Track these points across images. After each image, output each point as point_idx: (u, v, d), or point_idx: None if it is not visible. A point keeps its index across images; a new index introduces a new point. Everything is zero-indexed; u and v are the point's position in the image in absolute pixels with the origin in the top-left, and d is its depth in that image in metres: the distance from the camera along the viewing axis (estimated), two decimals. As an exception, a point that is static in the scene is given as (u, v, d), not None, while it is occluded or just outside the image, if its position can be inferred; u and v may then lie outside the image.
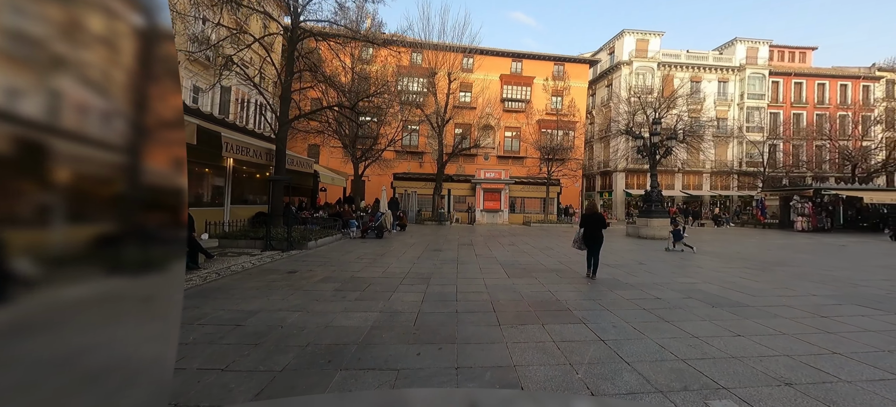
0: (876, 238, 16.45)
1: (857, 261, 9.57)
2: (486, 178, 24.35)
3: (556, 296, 5.60)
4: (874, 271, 7.94)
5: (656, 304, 5.21)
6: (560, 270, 7.85)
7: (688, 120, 24.48)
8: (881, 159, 25.53)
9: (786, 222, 20.34)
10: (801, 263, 9.12)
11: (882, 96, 30.37)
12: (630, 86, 27.43)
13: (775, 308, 5.05)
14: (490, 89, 25.73)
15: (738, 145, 30.60)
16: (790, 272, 7.80)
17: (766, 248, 12.42)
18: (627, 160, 28.18)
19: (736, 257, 10.01)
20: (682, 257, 9.91)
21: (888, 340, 3.87)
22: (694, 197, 30.10)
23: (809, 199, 19.25)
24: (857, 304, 5.28)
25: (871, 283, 6.76)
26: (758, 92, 30.54)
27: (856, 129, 28.63)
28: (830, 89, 31.12)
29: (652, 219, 15.41)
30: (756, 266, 8.54)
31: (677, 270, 7.85)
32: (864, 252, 11.49)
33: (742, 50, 30.67)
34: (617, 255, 10.28)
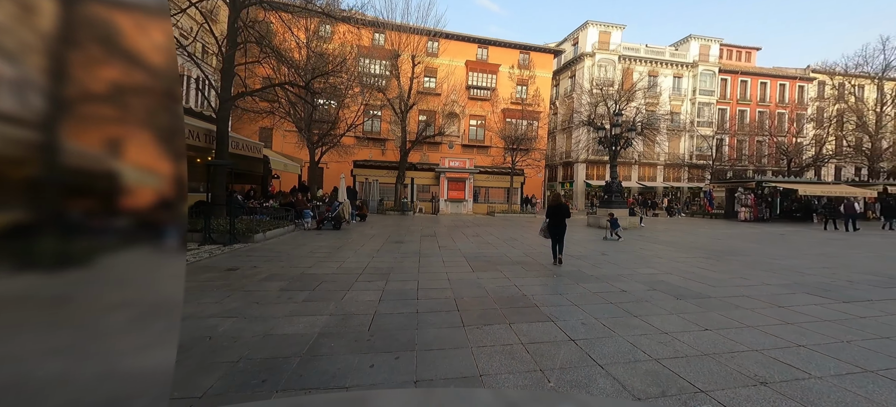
0: (808, 227, 18.12)
1: (797, 249, 10.33)
2: (451, 167, 24.05)
3: (523, 290, 5.38)
4: (815, 259, 8.55)
5: (623, 297, 5.14)
6: (525, 262, 7.70)
7: (645, 113, 25.56)
8: (812, 155, 28.26)
9: (730, 213, 21.94)
10: (750, 252, 9.67)
11: (814, 96, 33.57)
12: (592, 77, 28.20)
13: (735, 299, 5.15)
14: (455, 75, 25.28)
15: (690, 139, 32.59)
16: (742, 261, 8.18)
17: (716, 237, 13.17)
18: (588, 151, 29.05)
19: (692, 247, 10.45)
20: (642, 247, 10.18)
21: (843, 329, 3.99)
22: (649, 188, 31.75)
23: (752, 190, 20.85)
24: (807, 292, 5.53)
25: (814, 271, 7.21)
26: (708, 88, 32.59)
27: (791, 126, 31.46)
28: (771, 88, 33.91)
29: (612, 209, 15.86)
30: (711, 255, 8.92)
31: (640, 261, 7.98)
32: (801, 241, 12.50)
33: (696, 47, 32.50)
34: (580, 245, 10.37)
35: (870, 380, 2.89)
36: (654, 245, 10.71)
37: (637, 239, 12.18)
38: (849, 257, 8.93)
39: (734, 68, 33.45)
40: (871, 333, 3.89)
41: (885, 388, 2.77)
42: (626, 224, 15.64)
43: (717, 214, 23.99)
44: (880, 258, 8.85)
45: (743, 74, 33.55)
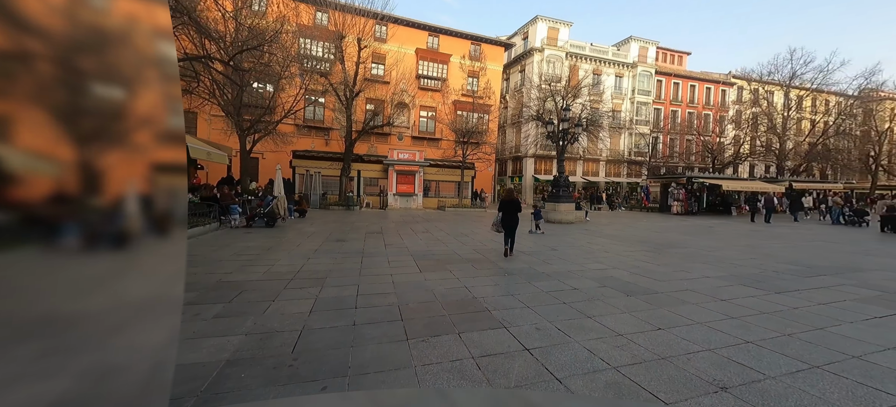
0: (730, 219, 20.14)
1: (726, 241, 11.24)
2: (400, 159, 23.36)
3: (474, 292, 5.05)
4: (743, 250, 9.29)
5: (575, 296, 5.02)
6: (476, 259, 7.43)
7: (590, 110, 26.79)
8: (732, 153, 31.64)
9: (664, 206, 23.80)
10: (686, 244, 10.31)
11: (734, 100, 37.62)
12: (541, 73, 28.95)
13: (681, 293, 5.26)
14: (405, 63, 24.47)
15: (629, 136, 34.92)
16: (681, 253, 8.64)
17: (654, 230, 14.03)
18: (537, 146, 29.89)
19: (634, 240, 10.94)
20: (589, 242, 10.43)
21: (783, 322, 4.15)
22: (592, 182, 33.54)
23: (683, 186, 22.76)
24: (743, 284, 5.84)
25: (744, 262, 7.77)
26: (646, 88, 35.10)
27: (715, 127, 34.93)
28: (699, 91, 37.42)
29: (560, 203, 16.33)
30: (653, 248, 9.34)
31: (588, 257, 8.07)
32: (728, 232, 13.72)
33: (635, 49, 34.79)
34: (529, 240, 10.39)
35: (818, 377, 2.92)
36: (601, 239, 11.06)
37: (584, 233, 12.55)
38: (770, 248, 9.85)
39: (668, 71, 36.40)
40: (807, 325, 4.08)
41: (833, 385, 2.79)
42: (572, 218, 16.19)
43: (652, 207, 25.94)
44: (795, 248, 9.88)
45: (675, 77, 36.63)
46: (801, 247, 10.15)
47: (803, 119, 34.50)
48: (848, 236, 12.89)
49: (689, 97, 37.28)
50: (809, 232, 14.12)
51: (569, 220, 15.93)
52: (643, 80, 34.96)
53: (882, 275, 6.66)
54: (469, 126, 23.41)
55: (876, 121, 33.24)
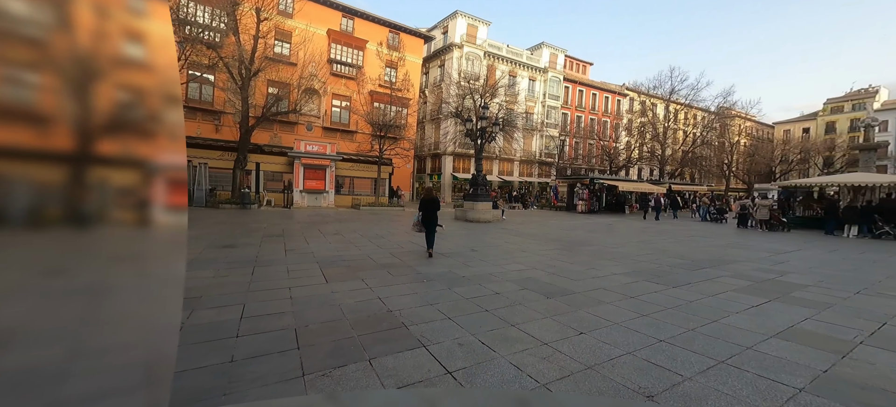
0: (625, 217, 22.88)
1: (624, 237, 12.51)
2: (309, 151, 21.55)
3: (389, 304, 4.55)
4: (639, 246, 10.36)
5: (497, 301, 4.85)
6: (393, 264, 6.91)
7: (506, 110, 28.11)
8: (625, 157, 36.18)
9: (571, 205, 26.10)
10: (593, 241, 11.17)
11: (627, 109, 43.11)
12: (461, 70, 29.46)
13: (596, 292, 5.45)
14: (314, 44, 22.59)
15: (540, 138, 37.64)
16: (590, 251, 9.26)
17: (564, 228, 15.09)
18: (456, 144, 30.38)
19: (548, 238, 11.51)
20: (507, 241, 10.66)
21: (685, 316, 4.47)
22: (507, 182, 35.38)
23: (587, 186, 25.19)
24: (646, 280, 6.34)
25: (643, 258, 8.59)
26: (555, 93, 38.22)
27: (612, 133, 39.53)
28: (599, 99, 42.06)
29: (478, 202, 16.63)
30: (565, 247, 9.87)
31: (507, 257, 8.13)
32: (625, 229, 15.38)
33: (547, 55, 37.64)
34: (449, 240, 10.22)
35: (726, 373, 3.07)
36: (518, 238, 11.41)
37: (501, 232, 12.87)
38: (660, 243, 11.18)
39: (575, 78, 40.20)
40: (704, 318, 4.45)
41: (739, 380, 2.95)
42: (489, 217, 16.61)
43: (560, 206, 28.27)
44: (680, 243, 11.37)
45: (581, 85, 40.63)
46: (684, 242, 11.74)
47: (679, 130, 41.01)
48: (715, 231, 15.44)
49: (592, 104, 41.66)
50: (687, 228, 16.59)
51: (486, 219, 16.30)
52: (553, 85, 37.96)
53: (748, 266, 7.90)
54: (387, 119, 22.63)
55: (729, 134, 41.15)
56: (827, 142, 51.25)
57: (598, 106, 41.90)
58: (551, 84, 37.78)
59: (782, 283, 6.42)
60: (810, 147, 50.84)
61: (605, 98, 42.36)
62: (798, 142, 52.32)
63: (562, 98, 38.69)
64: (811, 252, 10.20)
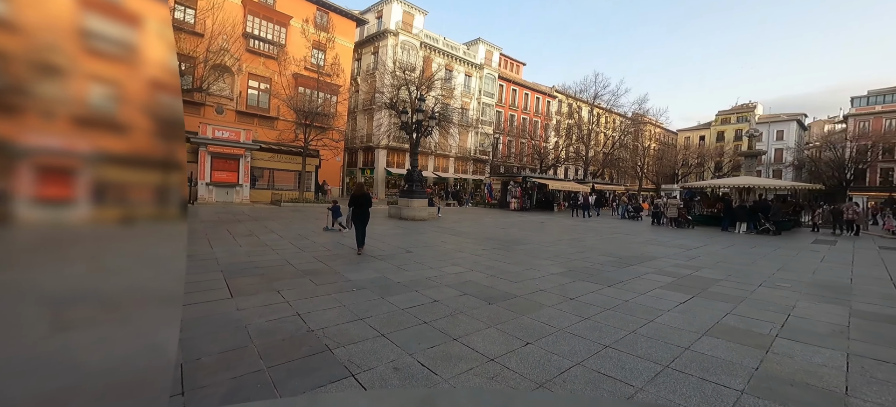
0: (554, 215, 24.15)
1: (556, 235, 13.00)
2: (218, 138, 19.23)
3: (311, 322, 3.93)
4: (571, 244, 10.77)
5: (436, 311, 4.48)
6: (317, 270, 6.20)
7: (442, 105, 27.99)
8: (554, 157, 38.34)
9: (504, 203, 26.88)
10: (527, 239, 11.39)
11: (556, 110, 45.74)
12: (396, 59, 28.61)
13: (536, 295, 5.36)
14: (226, 13, 20.03)
15: (475, 135, 38.31)
16: (526, 250, 9.35)
17: (499, 226, 15.32)
18: (390, 137, 29.54)
19: (485, 237, 11.49)
20: (443, 241, 10.39)
21: (624, 318, 4.51)
22: (442, 178, 35.42)
23: (519, 184, 26.11)
24: (582, 279, 6.45)
25: (575, 255, 8.87)
26: (491, 91, 39.14)
27: (542, 133, 41.64)
28: (531, 99, 44.02)
29: (413, 199, 16.20)
30: (502, 246, 9.88)
31: (444, 258, 7.83)
32: (556, 227, 16.08)
33: (483, 51, 38.32)
34: (383, 241, 9.66)
35: (673, 379, 3.04)
36: (454, 237, 11.21)
37: (437, 231, 12.59)
38: (589, 241, 11.76)
39: (508, 77, 41.56)
40: (641, 318, 4.54)
41: (686, 386, 2.92)
42: (425, 215, 16.28)
43: (494, 204, 29.01)
44: (605, 240, 12.09)
45: (514, 84, 42.15)
46: (609, 239, 12.53)
47: (601, 132, 44.61)
48: (633, 229, 16.84)
49: (524, 104, 43.47)
50: (609, 226, 17.88)
51: (422, 217, 15.93)
52: (488, 82, 38.82)
53: (667, 262, 8.54)
54: (313, 106, 21.05)
55: (642, 138, 45.85)
56: (718, 149, 59.81)
57: (530, 106, 43.84)
58: (486, 81, 38.59)
59: (699, 278, 6.97)
60: (705, 153, 58.97)
61: (536, 98, 44.49)
62: (696, 148, 60.36)
63: (496, 96, 39.76)
64: (714, 247, 11.47)
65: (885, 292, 6.43)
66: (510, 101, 41.82)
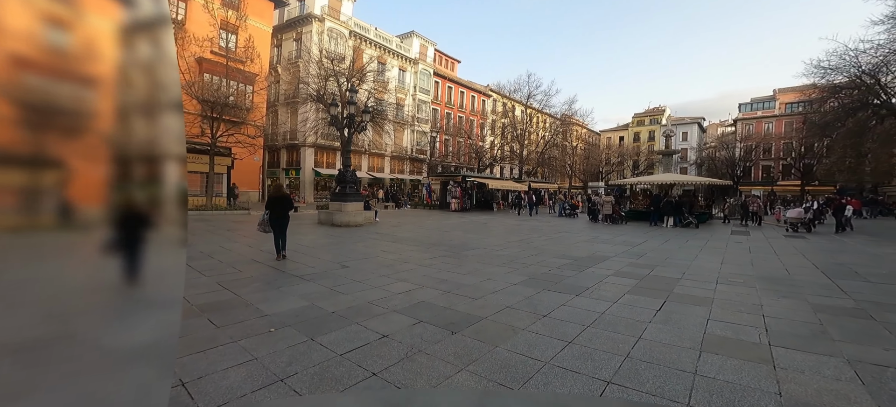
0: (495, 214, 24.09)
1: (503, 237, 12.54)
2: (98, 134, 15.86)
3: (201, 396, 2.67)
4: (521, 246, 10.29)
5: (387, 351, 3.47)
6: (221, 303, 4.78)
7: (375, 100, 26.54)
8: (491, 156, 38.75)
9: (444, 203, 26.27)
10: (475, 243, 10.71)
11: (491, 109, 46.43)
12: (322, 47, 26.45)
13: (505, 315, 4.57)
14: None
15: (411, 133, 37.29)
16: (477, 256, 8.62)
17: (443, 229, 14.52)
18: (317, 134, 27.31)
19: (431, 243, 10.58)
20: (385, 250, 9.30)
21: (610, 336, 3.88)
22: (377, 179, 33.86)
23: (459, 184, 25.68)
24: (546, 288, 5.82)
25: (528, 259, 8.34)
26: (426, 87, 38.36)
27: (478, 132, 41.90)
28: (467, 97, 44.14)
29: (347, 203, 14.75)
30: (451, 252, 9.05)
31: (389, 273, 6.77)
32: (500, 228, 15.71)
33: (417, 45, 37.39)
34: (312, 254, 8.29)
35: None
36: (396, 244, 10.14)
37: (376, 238, 11.41)
38: (537, 242, 11.43)
39: (444, 74, 41.18)
40: (626, 334, 3.96)
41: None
42: (361, 220, 14.91)
43: (434, 204, 28.30)
44: (553, 240, 11.87)
45: (449, 81, 41.89)
46: (556, 238, 12.36)
47: (535, 132, 46.23)
48: (574, 226, 17.12)
49: (460, 102, 43.43)
50: (550, 225, 18.04)
51: (357, 222, 14.55)
52: (424, 78, 38.02)
53: (621, 262, 8.35)
54: (223, 96, 18.42)
55: (571, 138, 48.45)
56: (635, 148, 65.78)
57: (465, 104, 43.93)
58: (422, 77, 37.76)
59: (659, 278, 6.76)
60: (624, 152, 64.48)
61: (472, 97, 44.73)
62: (617, 148, 65.77)
63: (432, 93, 39.12)
64: (654, 243, 11.81)
65: (820, 282, 6.73)
66: (446, 98, 41.47)
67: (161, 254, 0.67)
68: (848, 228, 16.10)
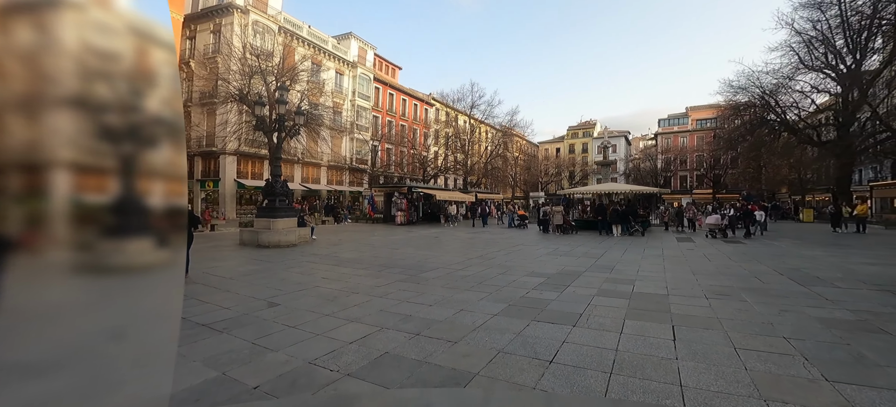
0: (444, 227, 23.10)
1: (461, 253, 11.52)
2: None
3: None
4: (483, 264, 9.33)
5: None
6: (70, 378, 3.09)
7: (310, 103, 24.42)
8: (435, 167, 37.93)
9: (389, 216, 24.76)
10: (432, 262, 9.56)
11: (434, 118, 45.81)
12: (246, 42, 23.76)
13: (500, 365, 3.48)
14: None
15: (350, 141, 35.26)
16: (439, 278, 7.49)
17: (392, 245, 13.18)
18: (240, 140, 24.44)
19: (380, 265, 9.23)
20: (325, 276, 7.80)
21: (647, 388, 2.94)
22: (312, 191, 31.34)
23: (405, 195, 24.37)
24: (533, 318, 4.84)
25: (499, 280, 7.37)
26: (366, 93, 36.63)
27: (421, 141, 40.95)
28: (409, 105, 43.06)
29: (276, 219, 12.82)
30: (406, 275, 7.82)
31: (332, 308, 5.38)
32: (454, 241, 14.70)
33: (355, 47, 35.63)
34: (229, 288, 6.57)
35: None
36: (340, 269, 8.65)
37: (313, 260, 9.80)
38: (498, 258, 10.56)
39: (385, 80, 39.77)
40: (662, 381, 3.05)
41: None
42: (294, 238, 13.03)
43: (378, 218, 26.62)
44: (513, 255, 11.10)
45: (391, 88, 40.56)
46: (515, 253, 11.61)
47: (479, 143, 46.46)
48: (528, 238, 16.65)
49: (402, 110, 42.25)
50: (503, 237, 17.44)
51: (289, 241, 12.66)
52: (363, 83, 36.30)
53: (595, 277, 7.68)
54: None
55: (512, 149, 49.47)
56: (572, 159, 69.38)
57: (407, 112, 42.84)
58: (361, 81, 36.01)
59: (648, 297, 6.12)
60: (561, 163, 67.68)
61: (414, 105, 43.77)
62: (555, 159, 68.88)
63: (372, 99, 37.49)
64: (614, 253, 11.52)
65: (798, 291, 6.54)
66: (388, 105, 40.07)
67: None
68: (759, 233, 17.36)
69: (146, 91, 0.66)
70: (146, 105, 0.64)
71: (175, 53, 0.65)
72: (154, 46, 0.67)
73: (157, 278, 0.63)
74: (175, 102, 0.67)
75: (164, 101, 0.66)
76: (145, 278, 0.62)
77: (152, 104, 0.65)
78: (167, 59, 0.72)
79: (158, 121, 0.65)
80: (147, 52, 0.65)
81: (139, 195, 0.63)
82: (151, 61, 0.66)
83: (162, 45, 0.69)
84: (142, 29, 0.73)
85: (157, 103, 0.66)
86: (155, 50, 0.67)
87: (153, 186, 0.64)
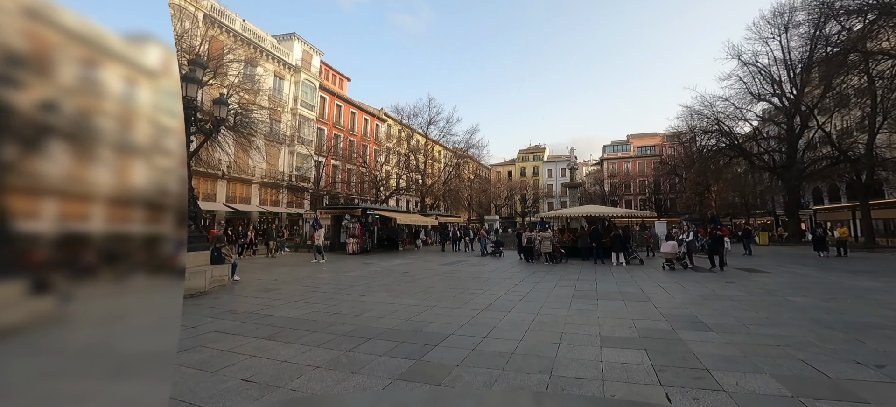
0: (405, 254, 19.59)
1: (448, 294, 8.21)
2: None
3: None
4: (509, 325, 6.11)
5: None
6: None
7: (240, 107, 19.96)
8: (388, 188, 34.28)
9: (338, 244, 20.70)
10: (432, 326, 6.19)
11: (386, 135, 42.32)
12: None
13: None
14: None
15: (290, 155, 30.66)
16: (464, 368, 4.18)
17: (351, 290, 9.56)
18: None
19: (346, 333, 5.69)
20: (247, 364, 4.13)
21: None
22: (241, 212, 26.25)
23: (358, 219, 20.54)
24: None
25: (565, 370, 4.23)
26: (310, 102, 32.41)
27: (372, 159, 37.20)
28: (358, 119, 39.26)
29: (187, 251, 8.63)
30: (402, 363, 4.42)
31: None
32: (431, 277, 11.32)
33: (299, 50, 31.51)
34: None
35: None
36: (278, 348, 4.97)
37: (231, 325, 5.98)
38: (522, 309, 7.43)
39: (332, 89, 35.80)
40: None
41: None
42: (202, 283, 8.89)
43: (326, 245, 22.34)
44: (528, 301, 8.02)
45: (339, 99, 36.62)
46: (534, 298, 8.56)
47: (438, 161, 43.63)
48: (511, 270, 13.75)
49: (351, 124, 38.36)
50: (489, 268, 14.40)
51: (196, 288, 8.54)
52: (307, 91, 32.13)
53: (610, 323, 4.86)
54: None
55: (468, 171, 47.33)
56: (523, 182, 69.15)
57: (357, 127, 39.03)
58: (305, 89, 31.81)
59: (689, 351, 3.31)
60: (514, 186, 67.12)
61: (364, 119, 40.11)
62: (507, 182, 68.22)
63: (318, 109, 33.32)
64: (675, 293, 8.93)
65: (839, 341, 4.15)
66: (335, 118, 36.05)
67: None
68: (724, 264, 13.64)
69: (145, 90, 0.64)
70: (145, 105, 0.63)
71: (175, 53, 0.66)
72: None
73: (158, 278, 0.63)
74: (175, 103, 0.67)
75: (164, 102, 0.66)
76: (145, 279, 0.62)
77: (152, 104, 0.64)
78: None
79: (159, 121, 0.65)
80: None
81: (139, 195, 0.62)
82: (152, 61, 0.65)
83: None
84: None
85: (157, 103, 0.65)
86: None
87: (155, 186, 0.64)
